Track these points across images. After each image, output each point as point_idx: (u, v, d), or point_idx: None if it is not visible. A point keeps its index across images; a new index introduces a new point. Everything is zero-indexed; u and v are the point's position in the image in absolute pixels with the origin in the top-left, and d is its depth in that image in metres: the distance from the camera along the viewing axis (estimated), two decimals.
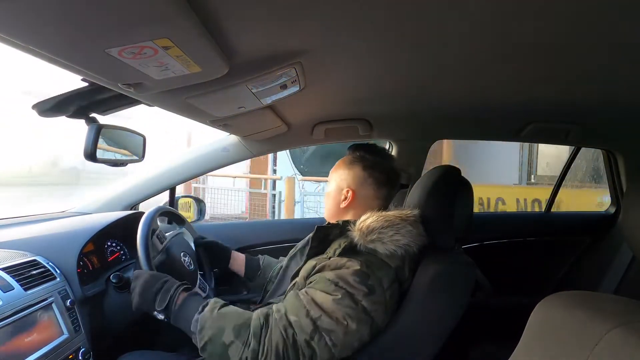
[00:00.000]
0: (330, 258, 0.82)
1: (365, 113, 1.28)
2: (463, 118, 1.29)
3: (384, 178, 0.95)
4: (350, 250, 0.82)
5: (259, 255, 1.26)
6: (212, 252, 1.22)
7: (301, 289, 0.82)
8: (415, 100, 1.09)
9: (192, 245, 1.19)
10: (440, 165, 0.99)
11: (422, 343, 0.83)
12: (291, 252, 1.15)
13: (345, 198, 0.94)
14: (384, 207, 0.93)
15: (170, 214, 1.19)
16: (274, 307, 0.79)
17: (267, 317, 0.77)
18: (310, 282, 0.80)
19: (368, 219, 0.84)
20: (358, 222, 0.85)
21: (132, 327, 1.04)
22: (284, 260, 1.17)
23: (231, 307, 0.80)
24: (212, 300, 0.81)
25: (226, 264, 1.22)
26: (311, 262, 0.84)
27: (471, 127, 1.48)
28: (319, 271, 0.81)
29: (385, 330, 0.81)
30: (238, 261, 1.23)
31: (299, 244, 1.13)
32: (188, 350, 0.95)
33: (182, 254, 1.05)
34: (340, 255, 0.81)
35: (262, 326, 0.75)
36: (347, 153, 1.01)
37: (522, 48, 0.65)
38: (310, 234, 0.91)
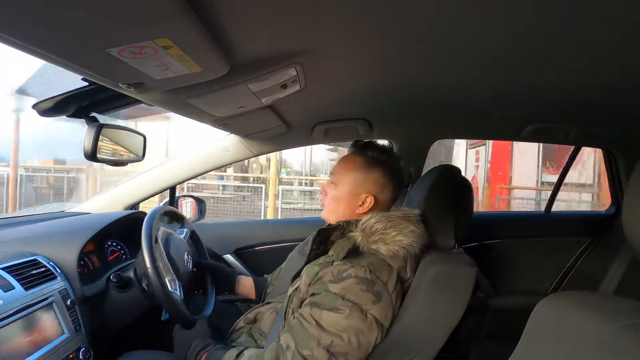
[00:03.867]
0: (333, 263, 0.81)
1: (365, 113, 1.28)
2: (463, 118, 1.29)
3: (399, 182, 0.93)
4: (354, 253, 0.81)
5: (265, 275, 1.22)
6: (215, 276, 1.17)
7: (303, 301, 0.81)
8: (415, 100, 1.09)
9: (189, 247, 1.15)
10: (440, 165, 0.99)
11: (423, 343, 0.83)
12: (290, 255, 1.15)
13: (363, 203, 0.90)
14: (390, 207, 0.93)
15: (172, 214, 1.18)
16: (283, 341, 0.77)
17: (277, 357, 0.75)
18: (314, 295, 0.79)
19: (371, 219, 0.83)
20: (361, 223, 0.84)
21: (132, 327, 1.04)
22: (283, 263, 1.17)
23: (244, 356, 0.80)
24: (226, 355, 0.82)
25: (230, 290, 1.18)
26: (314, 267, 0.83)
27: (471, 127, 1.48)
28: (321, 278, 0.79)
29: (387, 329, 0.81)
30: (247, 285, 1.18)
31: (299, 246, 1.13)
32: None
33: (185, 252, 1.05)
34: (344, 259, 0.80)
35: None
36: (354, 151, 0.95)
37: (522, 48, 0.65)
38: (310, 237, 0.91)
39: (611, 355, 0.42)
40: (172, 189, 1.40)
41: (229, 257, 1.47)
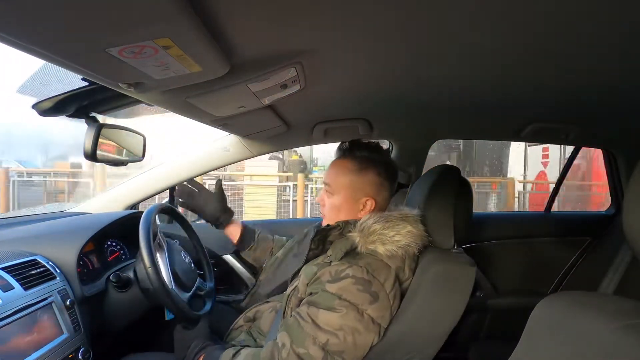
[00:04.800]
0: (331, 263, 0.81)
1: (365, 113, 1.28)
2: (463, 118, 1.29)
3: (393, 178, 0.93)
4: (351, 253, 0.81)
5: (256, 228, 1.25)
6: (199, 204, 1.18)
7: (301, 300, 0.81)
8: (415, 100, 1.09)
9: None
10: (440, 164, 0.98)
11: (422, 343, 0.83)
12: (288, 244, 1.15)
13: (364, 207, 0.89)
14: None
15: (169, 211, 1.19)
16: (279, 339, 0.77)
17: (272, 356, 0.75)
18: (311, 294, 0.79)
19: (369, 220, 0.83)
20: (359, 223, 0.84)
21: (131, 327, 1.04)
22: (279, 252, 1.16)
23: (241, 355, 0.80)
24: (223, 355, 0.82)
25: (215, 222, 1.19)
26: (312, 267, 0.83)
27: (471, 127, 1.48)
28: (319, 278, 0.79)
29: (385, 330, 0.81)
30: (234, 227, 1.21)
31: (296, 237, 1.12)
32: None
33: (182, 252, 1.06)
34: (342, 259, 0.80)
35: None
36: (342, 155, 0.93)
37: (522, 48, 0.65)
38: (308, 230, 0.91)
39: (611, 355, 0.42)
40: (172, 189, 1.40)
41: (228, 257, 1.47)
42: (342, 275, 0.77)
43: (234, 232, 1.21)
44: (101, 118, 0.91)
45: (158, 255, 0.93)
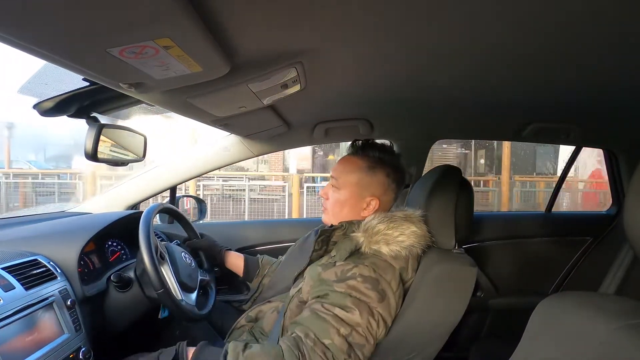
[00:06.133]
0: (336, 263, 0.81)
1: (366, 113, 1.28)
2: (464, 118, 1.29)
3: (401, 180, 0.93)
4: (356, 254, 0.81)
5: (258, 255, 1.25)
6: (207, 254, 1.20)
7: (309, 297, 0.81)
8: (416, 100, 1.09)
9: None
10: (441, 165, 0.98)
11: (423, 342, 0.83)
12: (290, 249, 1.15)
13: (368, 205, 0.89)
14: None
15: (169, 211, 1.19)
16: (299, 332, 0.74)
17: (298, 347, 0.72)
18: (319, 296, 0.78)
19: (373, 220, 0.83)
20: (363, 224, 0.84)
21: (132, 327, 1.04)
22: (282, 257, 1.17)
23: (254, 349, 0.74)
24: (230, 346, 0.75)
25: (220, 265, 1.21)
26: (316, 268, 0.83)
27: (472, 127, 1.48)
28: (324, 280, 0.79)
29: (389, 328, 0.81)
30: (236, 261, 1.21)
31: (299, 241, 1.12)
32: None
33: (182, 253, 1.06)
34: (346, 259, 0.80)
35: (298, 357, 0.70)
36: (354, 152, 0.94)
37: (522, 48, 0.65)
38: (312, 234, 0.91)
39: (611, 355, 0.42)
40: (173, 189, 1.40)
41: None
42: (348, 274, 0.77)
43: (238, 264, 1.20)
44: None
45: (163, 270, 0.92)
